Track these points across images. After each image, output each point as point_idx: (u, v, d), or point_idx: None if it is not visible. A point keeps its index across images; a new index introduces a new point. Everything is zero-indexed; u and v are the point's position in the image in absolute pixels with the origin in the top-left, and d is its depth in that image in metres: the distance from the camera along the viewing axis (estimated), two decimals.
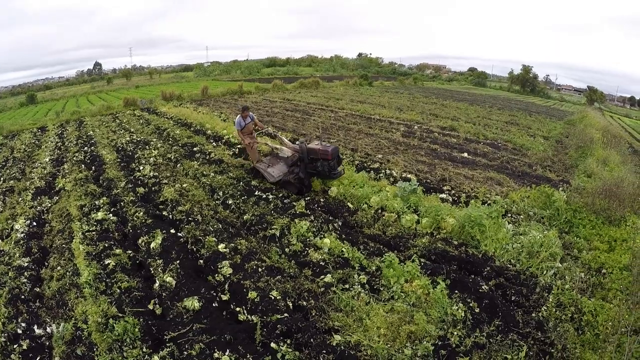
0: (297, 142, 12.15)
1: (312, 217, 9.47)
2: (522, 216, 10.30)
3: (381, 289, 7.01)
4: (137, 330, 5.97)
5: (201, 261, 7.87)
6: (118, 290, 6.88)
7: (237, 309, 6.46)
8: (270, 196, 10.82)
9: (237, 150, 15.70)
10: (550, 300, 6.95)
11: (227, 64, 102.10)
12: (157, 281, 7.14)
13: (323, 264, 7.63)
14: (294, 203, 10.25)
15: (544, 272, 7.86)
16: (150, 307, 6.65)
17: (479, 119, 28.25)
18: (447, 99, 41.41)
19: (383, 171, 13.51)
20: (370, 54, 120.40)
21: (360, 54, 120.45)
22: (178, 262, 7.60)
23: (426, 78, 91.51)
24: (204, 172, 12.84)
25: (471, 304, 6.61)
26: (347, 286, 7.00)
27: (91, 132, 22.07)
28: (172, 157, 14.81)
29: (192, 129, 20.50)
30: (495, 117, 30.34)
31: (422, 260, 7.97)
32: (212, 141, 17.44)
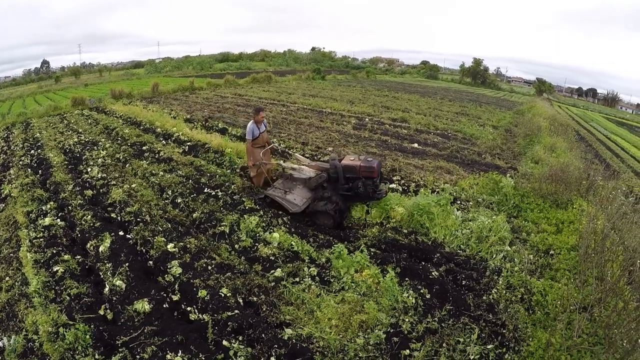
0: (327, 159, 10.55)
1: (261, 212, 9.38)
2: (471, 203, 10.44)
3: (331, 280, 6.99)
4: (88, 337, 5.79)
5: (151, 262, 7.66)
6: (68, 298, 6.65)
7: (188, 308, 6.34)
8: (220, 193, 10.58)
9: (187, 147, 15.34)
10: (500, 282, 7.04)
11: (179, 59, 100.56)
12: (107, 285, 6.92)
13: (273, 258, 7.57)
14: (244, 199, 10.06)
15: (494, 256, 7.95)
16: (101, 312, 6.45)
17: (430, 110, 28.66)
18: (399, 92, 41.87)
19: None
20: (324, 48, 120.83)
21: (313, 48, 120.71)
22: (127, 264, 7.38)
23: (379, 71, 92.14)
24: (153, 172, 12.49)
25: (422, 291, 6.65)
26: (297, 279, 6.97)
27: (38, 135, 21.35)
28: (121, 157, 14.40)
29: (141, 127, 20.04)
30: (446, 108, 30.88)
31: (373, 250, 7.99)
32: (161, 139, 17.05)
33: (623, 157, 31.38)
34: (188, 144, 15.62)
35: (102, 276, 7.27)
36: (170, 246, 7.88)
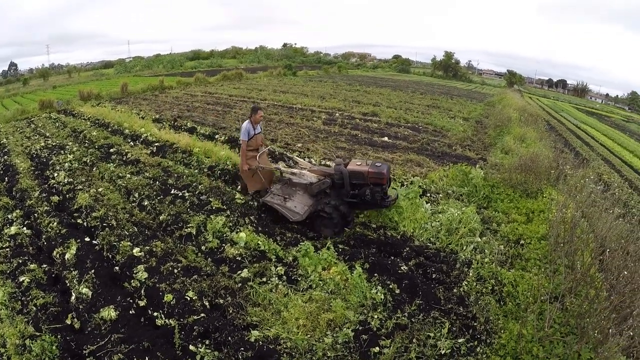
0: (332, 163, 9.71)
1: (228, 212, 9.18)
2: (441, 195, 10.46)
3: (299, 279, 6.89)
4: (55, 347, 5.61)
5: (117, 268, 7.43)
6: (34, 308, 6.42)
7: (155, 313, 6.17)
8: (187, 194, 10.34)
9: (155, 148, 15.04)
10: (471, 274, 7.04)
11: (150, 58, 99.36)
12: (74, 294, 6.69)
13: (239, 259, 7.42)
14: (211, 199, 9.83)
15: (464, 248, 7.95)
16: (68, 321, 6.25)
17: (401, 103, 28.83)
18: (370, 86, 41.95)
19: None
20: (295, 44, 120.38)
21: (285, 45, 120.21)
22: (93, 271, 7.14)
23: (351, 66, 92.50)
24: (120, 174, 12.19)
25: (391, 286, 6.58)
26: (264, 279, 6.85)
27: (4, 140, 20.74)
28: (88, 161, 14.03)
29: (109, 129, 19.60)
30: (417, 101, 31.12)
31: (341, 246, 7.96)
32: (129, 141, 16.71)
33: (593, 146, 31.85)
34: (156, 144, 15.33)
35: (68, 284, 7.04)
36: (136, 250, 7.67)
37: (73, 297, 6.63)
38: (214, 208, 9.38)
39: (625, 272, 5.31)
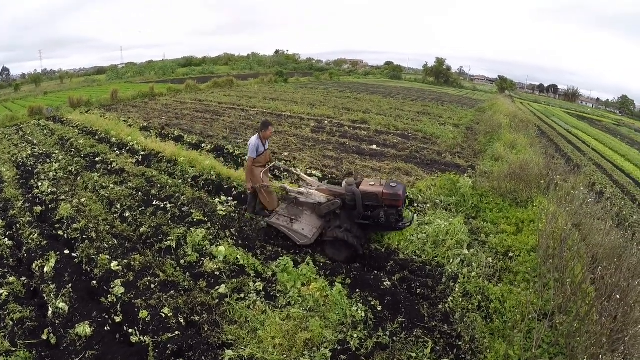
0: (343, 182, 8.68)
1: (209, 225, 8.98)
2: (428, 205, 10.26)
3: (278, 295, 6.67)
4: None
5: (94, 282, 7.23)
6: (11, 323, 6.23)
7: (130, 330, 5.96)
8: (169, 205, 10.15)
9: (140, 157, 14.84)
10: (457, 289, 6.86)
11: (142, 65, 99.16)
12: (50, 308, 6.50)
13: (218, 273, 7.22)
14: (192, 211, 9.63)
15: (451, 261, 7.75)
16: (45, 337, 6.06)
17: (391, 110, 28.77)
18: (361, 93, 41.96)
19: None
20: (287, 50, 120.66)
21: (277, 51, 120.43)
22: (71, 285, 6.94)
23: (343, 73, 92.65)
24: (104, 184, 11.98)
25: (373, 303, 6.40)
26: (242, 295, 6.64)
27: None
28: (73, 170, 13.82)
29: (97, 137, 19.40)
30: (407, 108, 31.11)
31: (322, 260, 7.78)
32: (115, 149, 16.51)
33: (584, 151, 31.87)
34: (142, 153, 15.15)
35: (46, 298, 6.85)
36: (114, 264, 7.46)
37: (50, 312, 6.45)
38: (195, 220, 9.20)
39: (617, 296, 5.05)
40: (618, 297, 5.02)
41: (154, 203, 10.34)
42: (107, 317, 6.31)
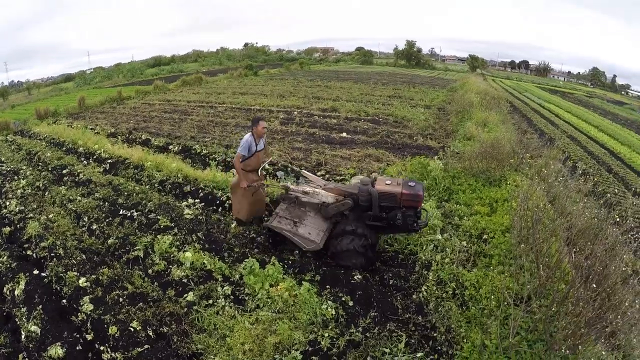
0: (354, 180, 8.50)
1: (175, 230, 8.81)
2: None
3: (246, 298, 6.53)
4: None
5: (64, 301, 7.03)
6: None
7: (101, 347, 5.80)
8: (135, 213, 9.94)
9: (108, 165, 14.51)
10: (430, 278, 6.75)
11: (110, 68, 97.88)
12: (23, 332, 6.29)
13: (186, 280, 7.06)
14: (159, 217, 9.42)
15: (424, 248, 7.65)
16: None
17: (362, 96, 28.77)
18: (331, 80, 41.77)
19: None
20: (257, 43, 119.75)
21: (246, 44, 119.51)
22: (41, 306, 6.76)
23: (313, 61, 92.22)
24: (71, 197, 11.67)
25: (343, 299, 6.30)
26: (210, 302, 6.49)
27: None
28: (41, 185, 13.43)
29: (64, 148, 18.93)
30: (378, 92, 31.11)
31: (292, 258, 7.63)
32: (82, 159, 16.11)
33: (557, 124, 32.03)
34: (109, 161, 14.84)
35: (18, 322, 6.63)
36: (82, 281, 7.26)
37: (23, 336, 6.25)
38: (162, 227, 9.03)
39: (594, 285, 4.88)
40: (594, 285, 4.86)
41: (121, 212, 10.13)
42: (78, 336, 6.14)
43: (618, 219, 7.21)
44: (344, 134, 17.09)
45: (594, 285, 4.84)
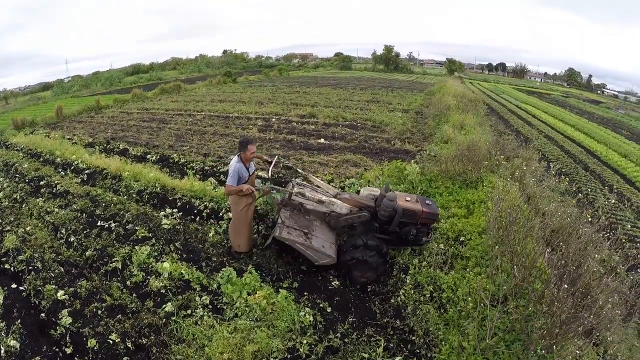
0: (363, 191, 8.22)
1: (153, 240, 8.78)
2: None
3: (224, 307, 6.52)
4: None
5: (43, 314, 6.94)
6: None
7: None
8: (113, 224, 9.88)
9: (85, 176, 14.34)
10: (408, 281, 6.77)
11: (88, 76, 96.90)
12: (2, 348, 6.24)
13: (164, 291, 7.03)
14: (137, 228, 9.41)
15: (402, 252, 7.72)
16: None
17: (340, 101, 28.82)
18: (310, 86, 41.77)
19: None
20: (235, 49, 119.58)
21: (225, 51, 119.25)
22: (20, 320, 6.73)
23: (292, 67, 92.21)
24: (48, 209, 11.54)
25: (321, 305, 6.36)
26: (189, 312, 6.47)
27: None
28: (18, 197, 13.27)
29: (41, 159, 18.68)
30: (357, 97, 31.23)
31: (267, 266, 7.65)
32: (60, 170, 15.92)
33: (534, 124, 32.36)
34: (86, 172, 14.68)
35: None
36: (60, 294, 7.20)
37: (2, 351, 6.21)
38: (139, 237, 9.00)
39: (565, 285, 4.94)
40: (566, 286, 4.93)
41: (99, 224, 10.04)
42: (57, 349, 6.11)
43: (590, 219, 7.30)
44: (322, 140, 17.11)
45: (566, 286, 4.91)
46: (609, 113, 58.94)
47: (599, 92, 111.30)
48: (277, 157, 8.53)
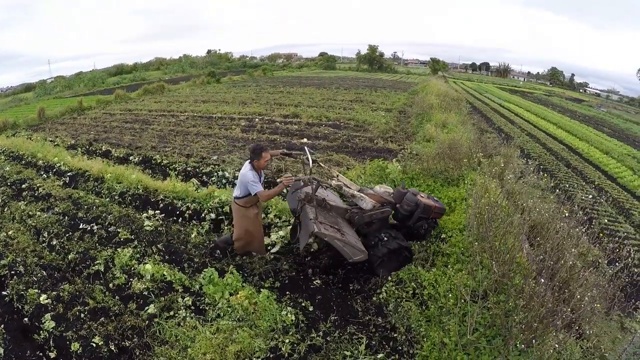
0: (382, 190, 8.04)
1: (135, 242, 8.75)
2: None
3: (207, 308, 6.52)
4: None
5: (26, 319, 6.89)
6: None
7: None
8: (95, 227, 9.82)
9: (67, 178, 14.25)
10: (390, 279, 6.78)
11: (71, 77, 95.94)
12: None
13: (146, 293, 7.00)
14: (119, 230, 9.35)
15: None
16: None
17: (324, 101, 28.97)
18: (294, 86, 41.92)
19: (215, 174, 12.96)
20: (220, 49, 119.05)
21: (209, 51, 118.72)
22: (3, 325, 6.68)
23: (276, 68, 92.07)
24: (30, 213, 11.45)
25: (303, 304, 6.36)
26: (171, 313, 6.46)
27: None
28: (0, 201, 13.16)
29: (23, 161, 18.50)
30: (340, 97, 31.38)
31: (248, 266, 7.65)
32: (42, 173, 15.77)
33: (517, 122, 32.61)
34: (69, 174, 14.58)
35: None
36: (43, 298, 7.16)
37: None
38: (122, 239, 8.96)
39: (542, 279, 5.02)
40: (542, 280, 5.00)
41: (81, 226, 9.97)
42: (41, 354, 6.09)
43: (567, 214, 7.37)
44: (305, 140, 17.17)
45: (543, 280, 4.97)
46: (591, 111, 59.71)
47: (581, 90, 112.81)
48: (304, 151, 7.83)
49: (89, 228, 9.83)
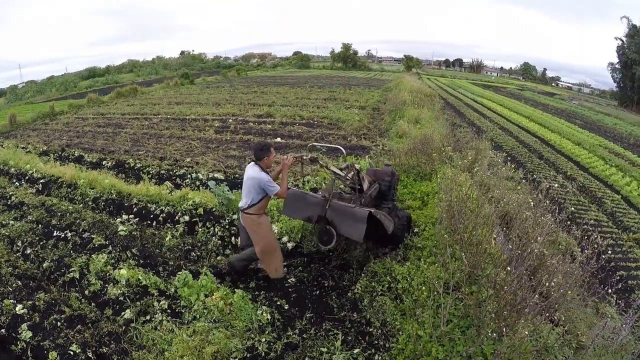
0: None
1: (110, 248, 8.70)
2: None
3: (183, 310, 6.53)
4: None
5: (3, 330, 6.74)
6: None
7: None
8: (69, 234, 9.73)
9: (40, 185, 14.01)
10: (363, 275, 6.82)
11: (43, 82, 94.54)
12: None
13: (122, 298, 6.99)
14: (93, 236, 9.29)
15: (358, 246, 7.66)
16: None
17: (298, 100, 29.03)
18: (268, 86, 41.89)
19: (189, 176, 12.92)
20: (193, 50, 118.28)
21: (182, 52, 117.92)
22: None
23: (251, 67, 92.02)
24: (3, 222, 11.24)
25: (279, 303, 6.41)
26: (148, 317, 6.46)
27: None
28: None
29: None
30: (314, 96, 31.46)
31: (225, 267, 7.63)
32: (14, 181, 15.50)
33: (490, 116, 32.94)
34: (41, 181, 14.32)
35: None
36: (19, 308, 7.05)
37: None
38: (96, 245, 8.89)
39: (509, 268, 5.14)
40: (509, 268, 5.11)
41: (55, 234, 9.88)
42: None
43: (532, 203, 7.51)
44: (279, 139, 17.22)
45: (508, 268, 5.08)
46: (562, 104, 60.63)
47: (553, 84, 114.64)
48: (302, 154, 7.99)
49: (63, 235, 9.74)
